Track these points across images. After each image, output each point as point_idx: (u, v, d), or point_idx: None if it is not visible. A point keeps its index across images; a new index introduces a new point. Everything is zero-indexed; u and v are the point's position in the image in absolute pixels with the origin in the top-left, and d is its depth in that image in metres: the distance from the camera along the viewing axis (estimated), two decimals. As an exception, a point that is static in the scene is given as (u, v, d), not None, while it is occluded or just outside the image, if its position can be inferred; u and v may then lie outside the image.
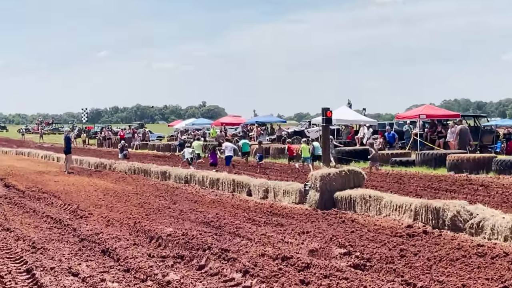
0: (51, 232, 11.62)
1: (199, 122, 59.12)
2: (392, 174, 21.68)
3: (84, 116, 76.14)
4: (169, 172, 21.83)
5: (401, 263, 8.55)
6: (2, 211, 14.31)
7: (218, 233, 11.03)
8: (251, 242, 10.15)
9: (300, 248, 9.65)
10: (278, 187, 16.11)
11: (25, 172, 25.69)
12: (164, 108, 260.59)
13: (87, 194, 17.87)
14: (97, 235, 10.88)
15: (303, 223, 12.30)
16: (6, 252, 9.80)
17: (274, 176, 21.24)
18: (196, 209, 14.43)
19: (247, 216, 13.25)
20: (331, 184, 14.48)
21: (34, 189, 18.88)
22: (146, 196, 17.33)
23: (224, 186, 18.34)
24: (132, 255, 9.14)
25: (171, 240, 10.23)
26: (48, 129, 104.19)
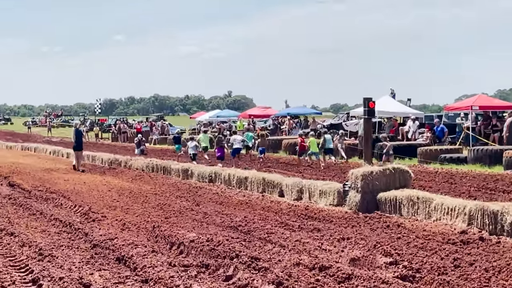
0: (60, 237, 11.62)
1: (224, 114, 59.13)
2: (441, 173, 21.42)
3: (97, 107, 76.79)
4: (192, 169, 21.83)
5: (455, 274, 8.39)
6: (5, 214, 14.36)
7: (247, 239, 10.95)
8: (284, 249, 10.05)
9: (340, 256, 9.52)
10: (313, 187, 16.00)
11: (31, 169, 25.86)
12: (186, 98, 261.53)
13: (100, 194, 17.91)
14: (111, 240, 10.85)
15: (343, 227, 12.18)
16: (10, 260, 9.80)
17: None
18: (221, 211, 14.37)
19: (279, 219, 13.16)
20: (374, 184, 14.33)
21: (41, 189, 18.97)
22: (165, 196, 17.32)
23: (253, 186, 18.27)
24: (151, 264, 9.08)
25: (194, 247, 10.16)
26: (57, 121, 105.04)
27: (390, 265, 8.90)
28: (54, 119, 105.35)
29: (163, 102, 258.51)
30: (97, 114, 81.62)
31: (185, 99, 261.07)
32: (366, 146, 19.46)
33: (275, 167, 25.36)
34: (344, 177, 19.28)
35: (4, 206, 15.54)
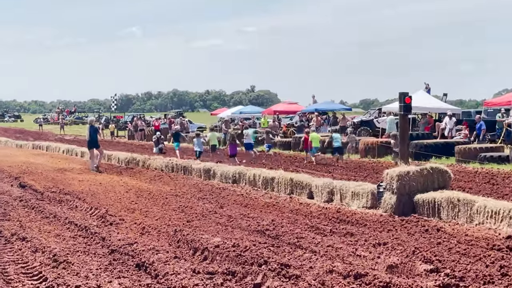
0: (75, 242, 11.61)
1: (248, 110, 59.21)
2: (481, 173, 21.22)
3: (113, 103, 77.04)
4: (214, 169, 21.79)
5: (502, 284, 8.28)
6: (16, 217, 14.38)
7: (275, 244, 10.89)
8: (316, 255, 9.98)
9: (376, 263, 9.43)
10: (345, 188, 15.90)
11: (43, 169, 25.95)
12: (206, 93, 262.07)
13: (117, 195, 17.92)
14: (130, 245, 10.83)
15: (378, 232, 12.08)
16: (22, 267, 9.80)
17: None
18: (247, 214, 14.31)
19: (309, 223, 13.08)
20: (411, 185, 14.21)
21: (54, 190, 19.00)
22: (187, 198, 17.30)
23: (280, 187, 18.20)
24: (173, 271, 9.03)
25: (219, 253, 10.11)
26: (70, 118, 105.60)
27: (430, 272, 8.79)
28: (67, 116, 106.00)
29: (182, 97, 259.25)
30: (113, 110, 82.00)
31: (206, 95, 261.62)
32: (402, 145, 19.28)
33: (302, 167, 25.25)
34: (377, 178, 19.22)
35: (15, 209, 15.56)
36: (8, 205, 16.07)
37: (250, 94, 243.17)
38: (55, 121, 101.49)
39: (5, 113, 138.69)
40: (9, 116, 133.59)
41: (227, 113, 61.51)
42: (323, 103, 52.55)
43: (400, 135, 18.86)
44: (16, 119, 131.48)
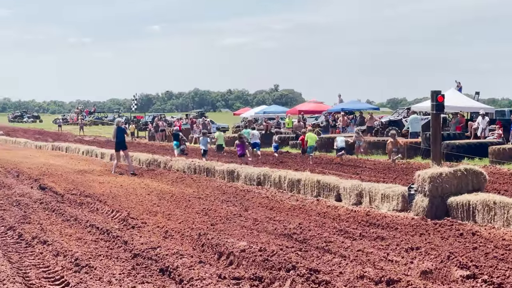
0: (97, 246, 11.59)
1: (272, 109, 59.09)
2: (517, 175, 21.02)
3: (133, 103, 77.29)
4: (238, 171, 21.73)
5: (542, 290, 8.13)
6: (37, 220, 14.39)
7: (303, 248, 10.81)
8: (346, 260, 9.88)
9: (409, 268, 9.32)
10: (374, 190, 15.77)
11: (63, 171, 26.05)
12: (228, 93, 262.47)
13: (139, 198, 17.91)
14: (153, 250, 10.79)
15: (410, 236, 11.95)
16: (43, 271, 9.79)
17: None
18: (273, 217, 14.23)
19: (338, 226, 12.98)
20: (444, 187, 14.05)
21: (74, 192, 19.05)
22: (210, 201, 17.25)
23: (307, 189, 18.10)
24: (198, 276, 8.97)
25: (245, 257, 10.04)
26: (90, 119, 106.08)
27: (467, 278, 8.66)
28: (86, 117, 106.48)
29: (204, 97, 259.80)
30: (133, 110, 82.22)
31: (228, 94, 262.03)
32: (435, 145, 19.14)
33: (329, 168, 25.15)
34: (407, 179, 19.10)
35: (35, 212, 15.59)
36: (28, 208, 16.12)
37: (273, 94, 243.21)
38: (74, 122, 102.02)
39: (24, 114, 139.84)
40: (28, 116, 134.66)
41: (250, 113, 61.46)
42: (350, 102, 52.37)
43: (432, 135, 18.70)
44: (35, 119, 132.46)
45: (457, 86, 40.35)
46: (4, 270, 9.53)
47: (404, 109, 47.70)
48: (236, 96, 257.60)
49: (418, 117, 37.49)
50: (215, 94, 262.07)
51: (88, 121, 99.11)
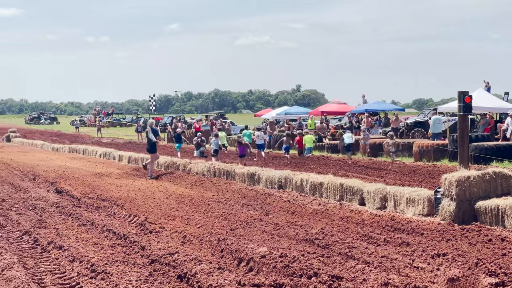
0: (113, 251, 11.60)
1: (293, 111, 58.94)
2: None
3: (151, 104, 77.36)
4: (259, 174, 21.68)
5: None
6: (53, 224, 14.44)
7: (325, 254, 10.76)
8: (369, 266, 9.83)
9: (435, 275, 9.25)
10: (399, 194, 15.68)
11: (80, 174, 26.13)
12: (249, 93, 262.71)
13: (157, 202, 17.92)
14: (171, 255, 10.78)
15: (436, 241, 11.86)
16: (59, 277, 9.80)
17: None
18: (295, 222, 14.19)
19: (361, 231, 12.92)
20: (471, 191, 13.94)
21: (91, 196, 19.10)
22: (230, 205, 17.23)
23: (329, 193, 18.03)
24: (217, 283, 8.96)
25: (265, 263, 10.01)
26: (108, 120, 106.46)
27: (496, 286, 8.60)
28: (104, 118, 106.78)
29: (224, 98, 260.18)
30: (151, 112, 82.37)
31: (249, 95, 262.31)
32: (462, 147, 18.94)
33: (353, 171, 25.06)
34: (433, 183, 19.00)
35: (51, 216, 15.65)
36: (44, 212, 16.19)
37: (295, 94, 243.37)
38: (92, 123, 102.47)
39: (41, 115, 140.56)
40: (45, 118, 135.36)
41: (272, 114, 61.38)
42: (374, 103, 52.12)
43: (459, 137, 18.49)
44: (52, 121, 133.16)
45: (486, 86, 40.06)
46: (19, 276, 9.56)
47: (430, 110, 47.40)
48: (257, 96, 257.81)
49: (440, 118, 37.36)
50: (235, 95, 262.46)
51: (106, 123, 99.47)
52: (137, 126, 63.68)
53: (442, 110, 39.75)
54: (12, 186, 21.81)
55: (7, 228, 14.01)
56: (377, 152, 31.92)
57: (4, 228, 14.02)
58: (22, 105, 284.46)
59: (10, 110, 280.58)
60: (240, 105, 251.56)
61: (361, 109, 49.19)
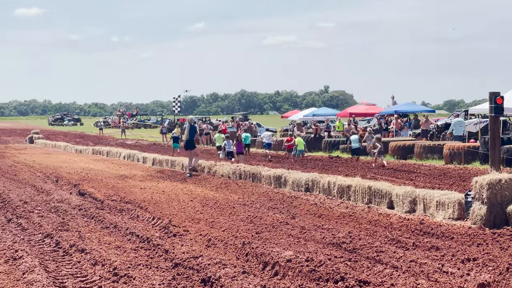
0: (136, 255, 11.64)
1: (321, 112, 58.90)
2: None
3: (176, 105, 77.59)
4: (285, 177, 21.66)
5: None
6: (75, 227, 14.51)
7: (352, 258, 10.72)
8: (398, 271, 9.79)
9: (465, 281, 9.18)
10: (429, 198, 15.59)
11: (103, 176, 26.26)
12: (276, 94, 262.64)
13: (181, 204, 17.96)
14: (195, 259, 10.80)
15: (466, 246, 11.78)
16: (81, 281, 9.85)
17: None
18: (321, 225, 14.16)
19: (390, 235, 12.87)
20: (503, 194, 13.83)
21: (115, 198, 19.16)
22: (256, 208, 17.24)
23: (357, 195, 17.99)
24: (242, 287, 8.96)
25: (291, 268, 10.00)
26: (132, 122, 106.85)
27: (528, 292, 8.53)
28: (128, 119, 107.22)
29: (251, 99, 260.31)
30: (176, 113, 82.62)
31: (275, 96, 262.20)
32: (493, 149, 18.84)
33: (381, 173, 24.99)
34: (464, 186, 18.89)
35: (74, 218, 15.72)
36: (67, 214, 16.28)
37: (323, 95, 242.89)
38: (116, 125, 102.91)
39: (65, 117, 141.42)
40: (68, 119, 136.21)
41: (299, 115, 61.36)
42: (404, 104, 51.89)
43: (490, 139, 18.41)
44: (76, 122, 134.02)
45: (519, 86, 39.74)
46: (40, 280, 9.62)
47: (461, 112, 47.15)
48: (285, 97, 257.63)
49: (462, 120, 37.34)
50: (262, 96, 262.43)
51: (130, 124, 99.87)
52: (161, 128, 63.89)
53: (473, 111, 39.52)
54: (34, 188, 21.95)
55: (29, 230, 14.10)
56: (406, 155, 31.76)
57: (26, 230, 14.11)
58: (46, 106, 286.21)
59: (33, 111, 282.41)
60: (266, 106, 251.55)
61: (390, 110, 49.01)
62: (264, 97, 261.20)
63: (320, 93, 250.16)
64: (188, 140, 26.99)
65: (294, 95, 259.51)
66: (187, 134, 27.13)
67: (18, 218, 15.61)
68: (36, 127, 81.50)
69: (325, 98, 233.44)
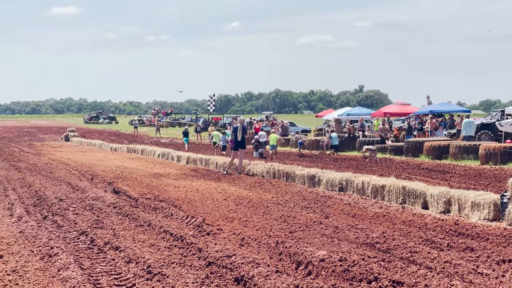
0: (170, 253, 11.66)
1: (356, 111, 58.61)
2: None
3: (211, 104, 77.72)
4: (319, 176, 21.63)
5: None
6: (110, 225, 14.57)
7: (386, 258, 10.67)
8: (432, 272, 9.72)
9: (500, 282, 9.12)
10: (464, 198, 15.47)
11: (138, 174, 26.39)
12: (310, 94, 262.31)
13: (215, 203, 17.98)
14: (228, 258, 10.80)
15: (502, 247, 11.68)
16: (115, 278, 9.88)
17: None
18: (355, 225, 14.12)
19: (424, 236, 12.79)
20: (539, 195, 13.71)
21: (149, 197, 19.25)
22: (289, 207, 17.22)
23: (391, 195, 17.91)
24: (275, 286, 8.95)
25: (324, 267, 9.97)
26: (166, 120, 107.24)
27: None
28: (163, 118, 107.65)
29: (285, 98, 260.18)
30: (211, 112, 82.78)
31: (310, 95, 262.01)
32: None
33: (416, 173, 24.84)
34: (500, 187, 18.73)
35: (108, 216, 15.80)
36: (101, 212, 16.36)
37: (358, 95, 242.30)
38: (151, 123, 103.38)
39: (100, 115, 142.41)
40: (103, 117, 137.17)
41: (333, 115, 61.09)
42: (439, 104, 51.44)
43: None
44: (111, 121, 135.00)
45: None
46: (75, 277, 9.67)
47: (497, 112, 46.65)
48: (319, 97, 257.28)
49: (472, 120, 37.43)
50: (296, 95, 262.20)
51: (165, 123, 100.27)
52: (196, 126, 64.08)
53: (510, 111, 39.24)
54: (70, 186, 22.10)
55: (64, 228, 14.18)
56: (441, 155, 31.56)
57: (61, 228, 14.19)
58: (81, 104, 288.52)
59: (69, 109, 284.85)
60: (301, 105, 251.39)
61: (425, 110, 48.62)
62: (299, 96, 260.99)
63: (354, 92, 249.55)
64: (239, 141, 27.30)
65: (329, 95, 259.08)
66: (240, 135, 27.36)
67: (53, 215, 15.71)
68: (71, 125, 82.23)
69: (360, 97, 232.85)
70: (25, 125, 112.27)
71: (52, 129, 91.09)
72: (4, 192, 20.48)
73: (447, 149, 31.65)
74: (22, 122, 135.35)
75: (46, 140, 62.97)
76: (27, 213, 16.13)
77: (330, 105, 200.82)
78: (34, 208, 17.15)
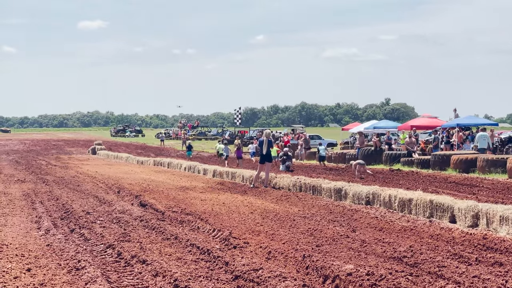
0: (197, 267, 11.66)
1: (382, 125, 58.51)
2: None
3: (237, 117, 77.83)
4: (346, 189, 21.57)
5: None
6: (137, 238, 14.60)
7: (414, 272, 10.61)
8: (460, 286, 9.67)
9: (529, 297, 9.03)
10: (492, 212, 15.35)
11: (164, 187, 26.45)
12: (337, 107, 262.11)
13: (241, 217, 17.98)
14: (255, 271, 10.78)
15: (531, 262, 11.58)
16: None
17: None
18: (382, 239, 14.05)
19: (452, 250, 12.71)
20: None
21: (175, 210, 19.26)
22: (316, 220, 17.17)
23: (419, 209, 17.81)
24: (302, 300, 8.92)
25: (351, 281, 9.93)
26: (193, 133, 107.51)
27: None
28: (189, 131, 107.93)
29: (311, 111, 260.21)
30: (237, 125, 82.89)
31: (336, 108, 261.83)
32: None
33: (443, 187, 24.71)
34: (529, 201, 18.54)
35: (135, 229, 15.83)
36: (128, 225, 16.40)
37: (384, 108, 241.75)
38: (178, 136, 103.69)
39: (127, 128, 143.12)
40: (130, 131, 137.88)
41: (360, 128, 61.01)
42: (466, 117, 51.21)
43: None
44: (138, 134, 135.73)
45: None
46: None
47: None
48: (345, 110, 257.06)
49: (486, 134, 37.40)
50: (322, 108, 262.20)
51: (191, 136, 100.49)
52: (222, 139, 64.17)
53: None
54: (96, 199, 22.18)
55: (91, 241, 14.23)
56: (468, 168, 31.39)
57: (88, 241, 14.24)
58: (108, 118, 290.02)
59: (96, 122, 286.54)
60: (327, 118, 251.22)
61: (452, 123, 48.42)
62: (325, 109, 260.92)
63: (381, 105, 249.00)
64: (266, 154, 27.48)
65: (355, 108, 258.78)
66: (265, 148, 27.51)
67: (80, 229, 15.77)
68: (98, 138, 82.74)
69: (386, 110, 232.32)
70: (53, 138, 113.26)
71: (79, 142, 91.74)
72: (32, 205, 20.61)
73: (475, 163, 31.47)
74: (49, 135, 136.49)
75: (73, 153, 63.38)
76: (55, 226, 16.21)
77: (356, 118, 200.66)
78: (62, 221, 17.24)
